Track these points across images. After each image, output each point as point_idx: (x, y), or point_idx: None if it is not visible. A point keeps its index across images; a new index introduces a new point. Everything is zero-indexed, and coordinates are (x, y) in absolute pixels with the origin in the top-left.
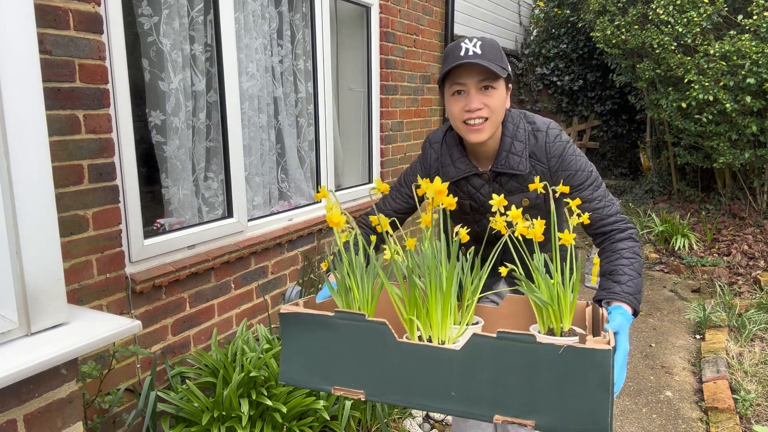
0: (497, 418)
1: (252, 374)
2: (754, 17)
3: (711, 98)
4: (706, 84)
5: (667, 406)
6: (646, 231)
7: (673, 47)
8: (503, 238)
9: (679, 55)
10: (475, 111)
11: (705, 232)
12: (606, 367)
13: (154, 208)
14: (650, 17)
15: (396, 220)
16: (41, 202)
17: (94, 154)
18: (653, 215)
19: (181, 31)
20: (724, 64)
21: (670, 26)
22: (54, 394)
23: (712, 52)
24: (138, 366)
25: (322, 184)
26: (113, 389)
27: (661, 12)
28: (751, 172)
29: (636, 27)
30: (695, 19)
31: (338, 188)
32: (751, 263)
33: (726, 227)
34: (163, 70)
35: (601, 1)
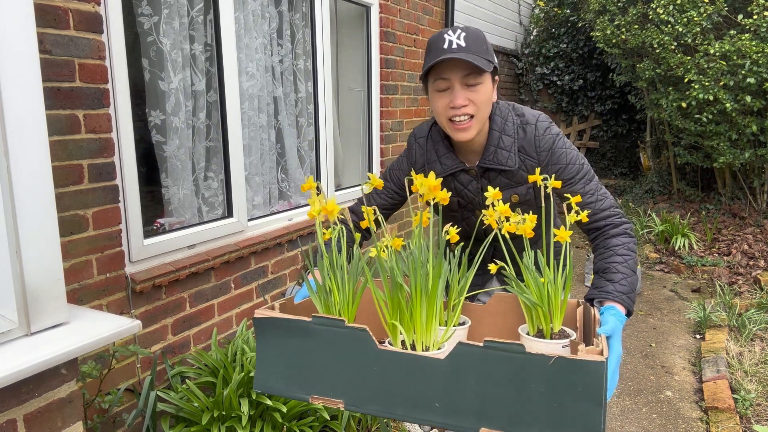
0: (483, 430)
1: (252, 374)
2: (755, 17)
3: (711, 98)
4: (706, 84)
5: (667, 405)
6: (646, 231)
7: (673, 47)
8: (492, 234)
9: (679, 55)
10: (461, 108)
11: (705, 231)
12: (599, 379)
13: (154, 207)
14: (650, 17)
15: (381, 217)
16: (41, 202)
17: (94, 154)
18: (653, 215)
19: (181, 30)
20: (724, 63)
21: (670, 26)
22: (54, 393)
23: (712, 52)
24: (138, 366)
25: (309, 175)
26: (113, 389)
27: (662, 12)
28: (752, 172)
29: (636, 27)
30: (695, 19)
31: (338, 188)
32: (751, 263)
33: (726, 227)
34: (163, 69)
35: (601, 0)
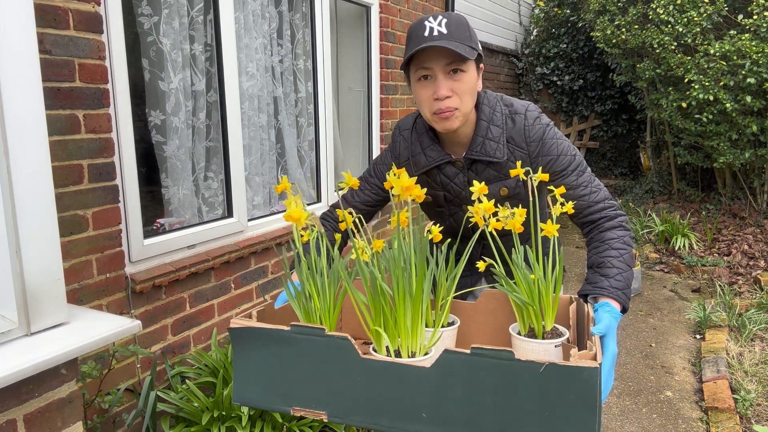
0: None
1: None
2: (755, 17)
3: (711, 98)
4: (707, 84)
5: (667, 406)
6: (646, 231)
7: (674, 47)
8: (479, 231)
9: (679, 55)
10: (444, 99)
11: (705, 231)
12: (593, 386)
13: (154, 207)
14: (650, 17)
15: (362, 217)
16: (41, 202)
17: (93, 154)
18: (653, 215)
19: (181, 30)
20: (725, 63)
21: (670, 26)
22: (54, 394)
23: (712, 52)
24: (138, 366)
25: (283, 176)
26: (113, 389)
27: (662, 12)
28: (752, 172)
29: (636, 27)
30: (695, 19)
31: (338, 188)
32: (751, 263)
33: (726, 227)
34: (163, 69)
35: (601, 0)
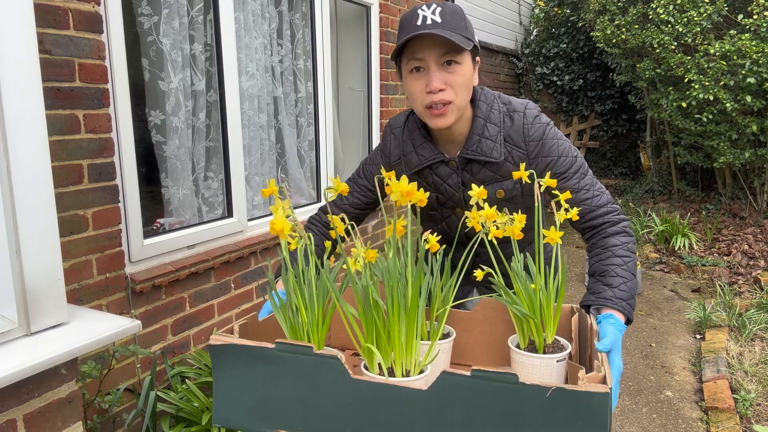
0: None
1: None
2: (755, 17)
3: (711, 98)
4: (707, 83)
5: (668, 405)
6: (646, 231)
7: (674, 47)
8: (477, 236)
9: (679, 55)
10: (438, 92)
11: (705, 231)
12: (603, 412)
13: (154, 207)
14: (650, 17)
15: (354, 220)
16: (41, 201)
17: (93, 154)
18: (653, 215)
19: (181, 30)
20: (725, 63)
21: (670, 26)
22: (54, 394)
23: (712, 52)
24: (138, 366)
25: (271, 179)
26: (113, 389)
27: (662, 11)
28: (752, 172)
29: (636, 26)
30: (695, 19)
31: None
32: (751, 263)
33: (726, 227)
34: (163, 69)
35: (601, 0)
